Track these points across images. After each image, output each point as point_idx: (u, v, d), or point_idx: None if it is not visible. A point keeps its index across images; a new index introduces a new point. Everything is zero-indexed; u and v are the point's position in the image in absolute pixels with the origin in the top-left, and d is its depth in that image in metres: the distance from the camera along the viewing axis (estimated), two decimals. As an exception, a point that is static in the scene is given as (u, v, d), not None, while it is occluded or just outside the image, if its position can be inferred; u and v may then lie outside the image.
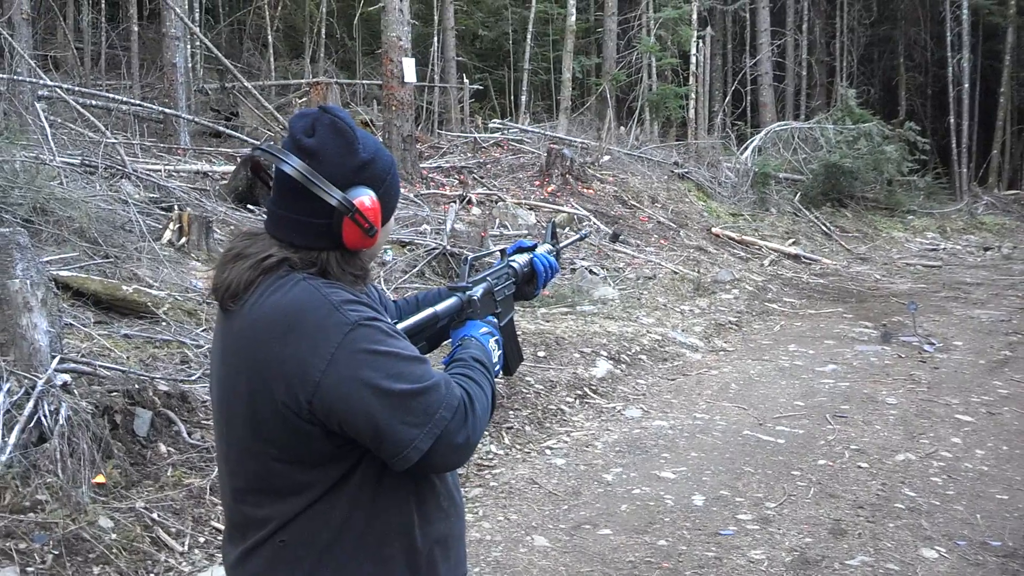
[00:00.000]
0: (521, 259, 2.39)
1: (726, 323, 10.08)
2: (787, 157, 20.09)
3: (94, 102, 13.00)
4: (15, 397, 4.12)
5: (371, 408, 1.65)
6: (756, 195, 18.35)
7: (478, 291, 2.13)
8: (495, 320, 2.17)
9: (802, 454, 5.94)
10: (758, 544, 4.58)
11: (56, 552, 3.63)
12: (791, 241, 16.17)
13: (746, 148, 20.29)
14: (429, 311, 2.03)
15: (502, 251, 2.44)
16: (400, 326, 1.88)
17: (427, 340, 2.09)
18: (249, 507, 1.80)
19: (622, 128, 20.32)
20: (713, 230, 15.39)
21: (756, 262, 14.32)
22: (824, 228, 17.76)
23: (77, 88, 12.87)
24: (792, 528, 4.78)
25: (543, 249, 2.49)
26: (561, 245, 2.68)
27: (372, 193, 1.77)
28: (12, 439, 3.90)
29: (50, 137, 9.04)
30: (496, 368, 2.02)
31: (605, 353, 7.93)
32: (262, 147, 1.82)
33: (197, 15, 19.20)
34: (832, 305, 11.64)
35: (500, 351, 2.06)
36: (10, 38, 10.46)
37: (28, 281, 4.48)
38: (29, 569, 3.52)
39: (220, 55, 15.01)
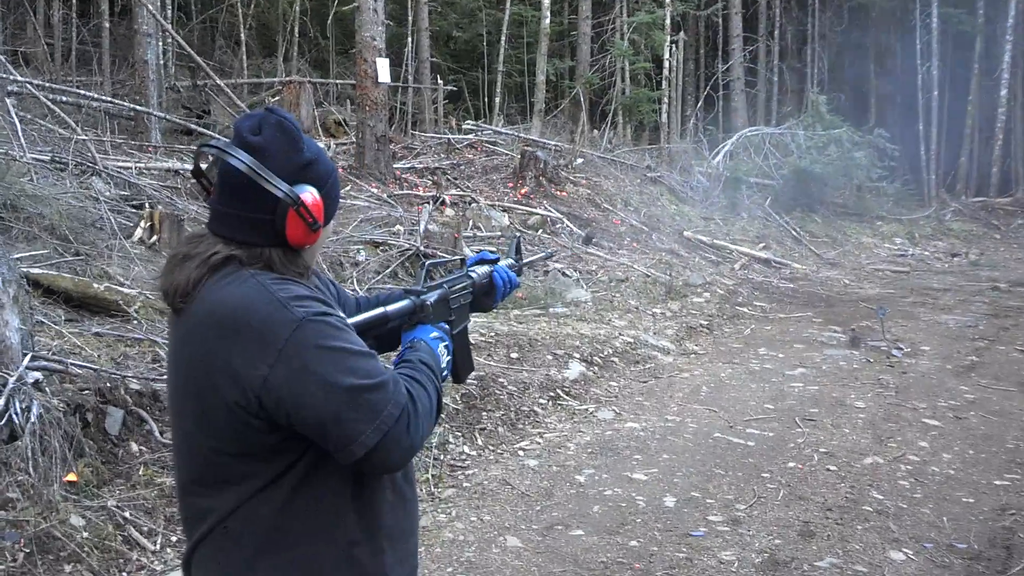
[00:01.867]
0: (480, 271, 2.41)
1: (697, 326, 10.14)
2: (758, 162, 20.21)
3: (64, 98, 12.86)
4: (-14, 394, 4.09)
5: (319, 402, 1.68)
6: (727, 199, 18.47)
7: (432, 296, 2.15)
8: (447, 327, 2.18)
9: (772, 457, 5.99)
10: (728, 545, 4.63)
11: (27, 550, 3.60)
12: (761, 245, 16.28)
13: (718, 153, 20.40)
14: (379, 310, 2.05)
15: (462, 260, 2.48)
16: (352, 321, 1.90)
17: (376, 340, 2.11)
18: (196, 498, 1.84)
19: (595, 131, 20.39)
20: (685, 234, 15.48)
21: (727, 266, 14.42)
22: (794, 233, 17.90)
23: (47, 84, 12.75)
24: (762, 530, 4.82)
25: (505, 263, 2.51)
26: (524, 261, 2.70)
27: (315, 191, 1.82)
28: (-17, 437, 3.88)
29: (20, 133, 8.95)
30: (444, 373, 2.05)
31: (578, 355, 7.96)
32: (209, 143, 1.85)
33: (169, 12, 19.06)
34: (802, 309, 11.74)
35: (449, 357, 2.08)
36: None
37: (-1, 278, 4.45)
38: (0, 567, 3.50)
39: (192, 52, 14.92)
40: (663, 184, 17.96)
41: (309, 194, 1.80)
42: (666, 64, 22.38)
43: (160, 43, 15.26)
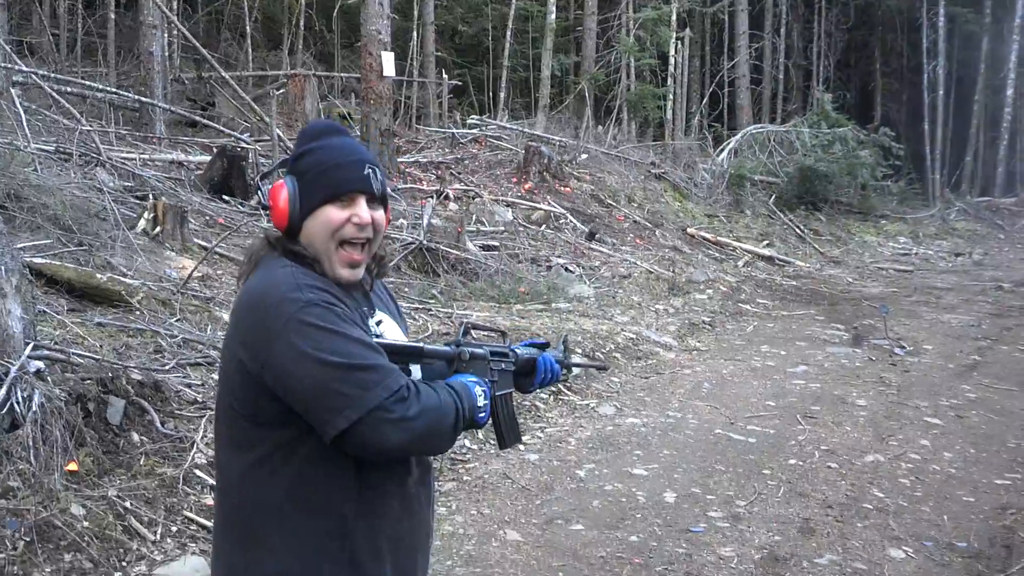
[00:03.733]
0: (524, 350, 2.39)
1: (700, 323, 10.14)
2: (763, 160, 20.21)
3: (69, 89, 12.86)
4: (-13, 382, 4.09)
5: (308, 375, 1.79)
6: (731, 197, 18.46)
7: (469, 350, 2.19)
8: (488, 384, 2.18)
9: (772, 453, 5.99)
10: (728, 541, 4.63)
11: (27, 539, 3.60)
12: (765, 243, 16.28)
13: (722, 150, 20.39)
14: (416, 343, 2.13)
15: (503, 333, 2.50)
16: (382, 342, 1.99)
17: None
18: (218, 457, 2.04)
19: (600, 127, 20.37)
20: (688, 230, 15.47)
21: (730, 263, 14.41)
22: (798, 231, 17.89)
23: (52, 75, 12.74)
24: (762, 526, 4.82)
25: (551, 353, 2.49)
26: (573, 362, 2.67)
27: (290, 180, 2.00)
28: (-15, 425, 3.88)
29: (24, 123, 8.95)
30: (481, 416, 2.05)
31: (580, 351, 7.96)
32: None
33: (175, 4, 19.04)
34: (804, 307, 11.74)
35: (486, 402, 2.09)
36: (-15, 22, 10.35)
37: (2, 267, 4.44)
38: (0, 555, 3.50)
39: (197, 44, 14.91)
40: (667, 180, 17.95)
41: (281, 183, 2.00)
42: (672, 61, 22.36)
43: (165, 35, 15.24)
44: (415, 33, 21.69)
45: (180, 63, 18.38)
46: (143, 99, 12.86)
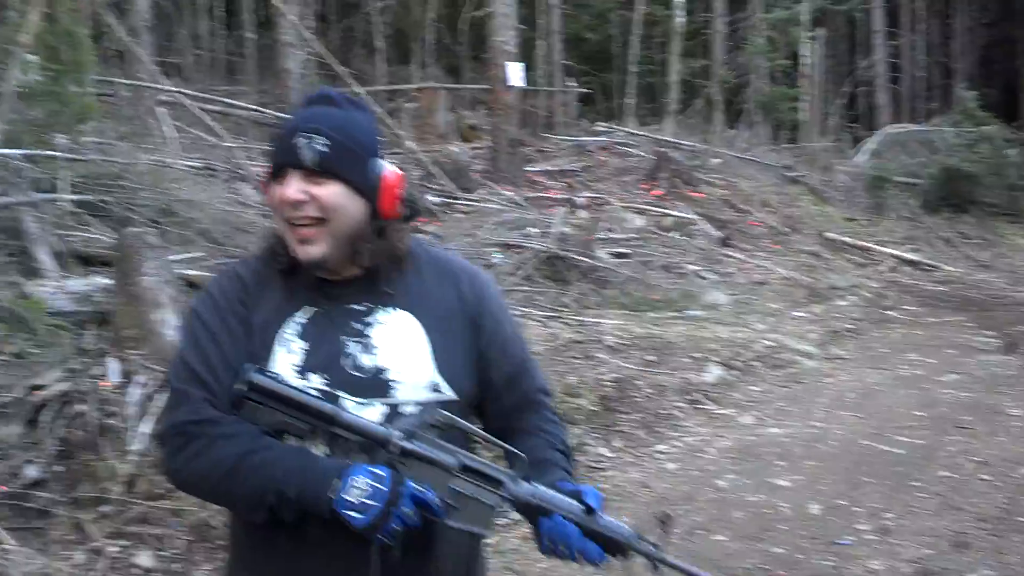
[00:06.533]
0: (536, 492, 1.71)
1: (842, 330, 9.84)
2: (904, 161, 19.55)
3: (212, 107, 13.40)
4: (148, 389, 4.29)
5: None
6: (872, 199, 17.90)
7: (414, 446, 1.63)
8: (418, 492, 1.59)
9: (922, 465, 5.78)
10: (877, 554, 4.49)
11: (188, 538, 3.77)
12: (909, 247, 15.72)
13: (861, 151, 19.82)
14: (328, 406, 1.65)
15: (513, 456, 1.76)
16: (267, 383, 1.66)
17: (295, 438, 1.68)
18: None
19: (731, 131, 20.07)
20: (827, 235, 15.05)
21: (873, 268, 13.97)
22: (943, 234, 17.20)
23: (197, 94, 13.29)
24: (912, 539, 4.66)
25: (591, 521, 1.74)
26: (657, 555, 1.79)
27: None
28: (147, 430, 4.07)
29: (173, 141, 9.35)
30: (356, 516, 1.55)
31: (716, 359, 7.84)
32: None
33: (313, 22, 19.64)
34: (953, 313, 11.27)
35: (377, 504, 1.54)
36: (133, 44, 10.86)
37: (158, 279, 4.66)
38: (163, 553, 3.68)
39: (333, 61, 15.33)
40: (803, 184, 17.53)
41: None
42: (805, 61, 21.85)
43: (303, 52, 15.72)
44: (542, 43, 21.80)
45: (316, 79, 18.94)
46: (282, 115, 13.29)
